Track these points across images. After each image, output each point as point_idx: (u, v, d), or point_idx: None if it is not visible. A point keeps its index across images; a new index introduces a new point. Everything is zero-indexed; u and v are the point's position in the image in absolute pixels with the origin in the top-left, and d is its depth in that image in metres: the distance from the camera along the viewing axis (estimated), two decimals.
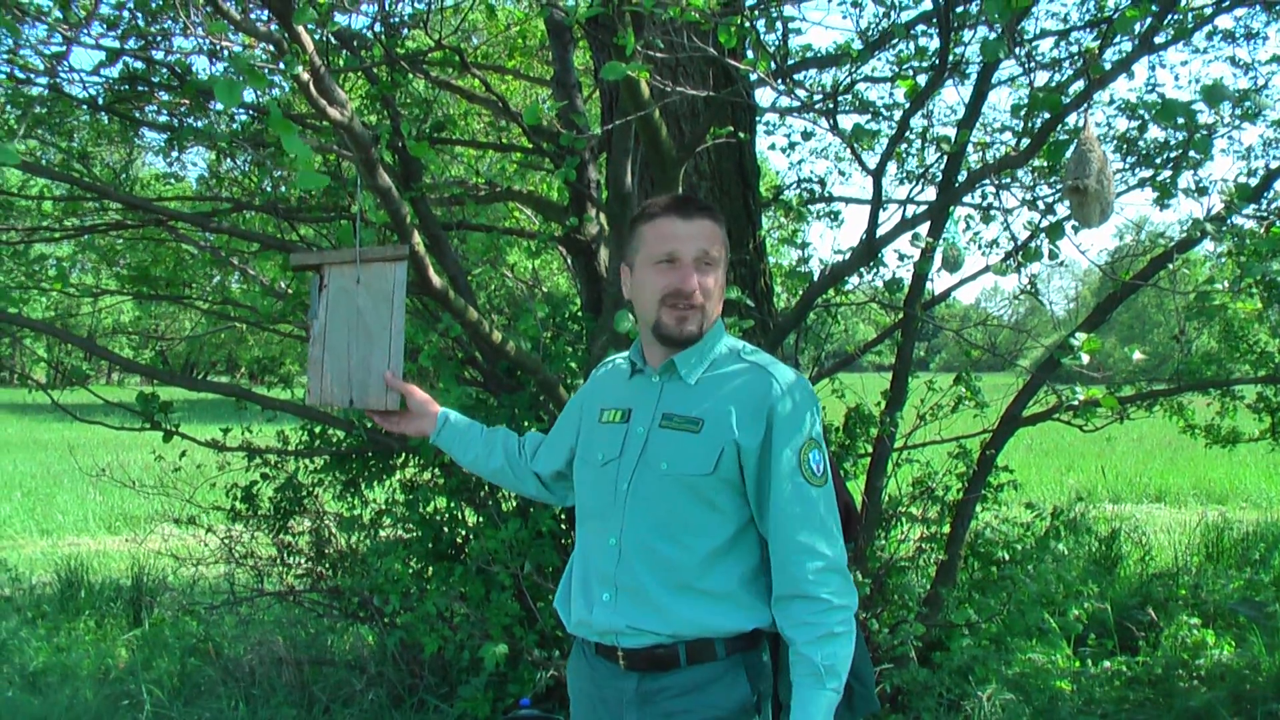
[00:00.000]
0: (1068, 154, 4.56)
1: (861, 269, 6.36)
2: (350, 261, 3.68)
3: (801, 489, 3.08)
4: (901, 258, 6.91)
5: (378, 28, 7.30)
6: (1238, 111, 7.67)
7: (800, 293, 6.38)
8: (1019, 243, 6.74)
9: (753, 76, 4.89)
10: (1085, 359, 5.24)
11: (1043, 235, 5.63)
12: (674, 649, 3.14)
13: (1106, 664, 7.33)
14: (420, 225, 6.45)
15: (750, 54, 4.78)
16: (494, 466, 3.84)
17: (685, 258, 3.15)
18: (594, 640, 3.31)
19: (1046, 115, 5.02)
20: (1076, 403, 5.44)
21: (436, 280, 5.53)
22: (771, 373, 3.15)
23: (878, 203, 5.39)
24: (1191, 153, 5.37)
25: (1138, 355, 5.89)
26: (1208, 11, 5.97)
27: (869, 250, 5.45)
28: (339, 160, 7.71)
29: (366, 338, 3.71)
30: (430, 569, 6.74)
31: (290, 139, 3.59)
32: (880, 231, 5.49)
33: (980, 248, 8.93)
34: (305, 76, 4.42)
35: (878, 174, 5.32)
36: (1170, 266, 7.02)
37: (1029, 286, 7.09)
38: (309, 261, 3.82)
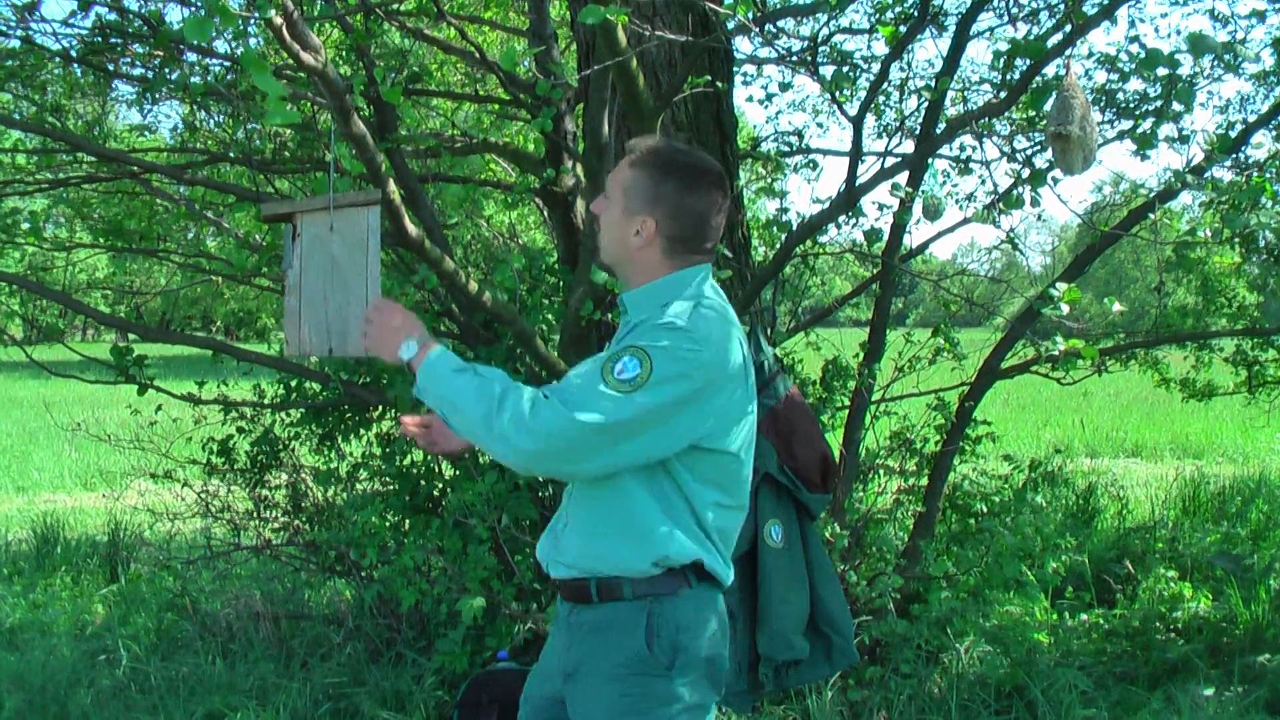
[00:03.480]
0: (1050, 101, 4.54)
1: (840, 220, 6.33)
2: (323, 209, 3.65)
3: (590, 374, 3.04)
4: (881, 208, 6.89)
5: None
6: (1218, 63, 7.65)
7: (778, 245, 6.35)
8: (999, 191, 6.72)
9: (731, 24, 4.85)
10: (1065, 309, 5.23)
11: (1025, 183, 5.60)
12: (586, 584, 3.21)
13: (1084, 616, 7.34)
14: (396, 177, 6.41)
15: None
16: None
17: None
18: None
19: (1027, 63, 4.99)
20: (1056, 353, 5.43)
21: (412, 230, 5.49)
22: (664, 310, 3.13)
23: (857, 151, 5.36)
24: (1174, 103, 5.34)
25: (1117, 307, 5.89)
26: None
27: (849, 199, 5.43)
28: (314, 110, 7.66)
29: (343, 285, 3.66)
30: (407, 522, 6.72)
31: (261, 76, 3.55)
32: (859, 182, 5.46)
33: (958, 201, 8.90)
34: (278, 20, 4.37)
35: (858, 121, 5.29)
36: (1151, 217, 7.01)
37: (1009, 235, 7.07)
38: (281, 210, 3.79)
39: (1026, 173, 5.58)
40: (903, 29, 5.53)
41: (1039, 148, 7.83)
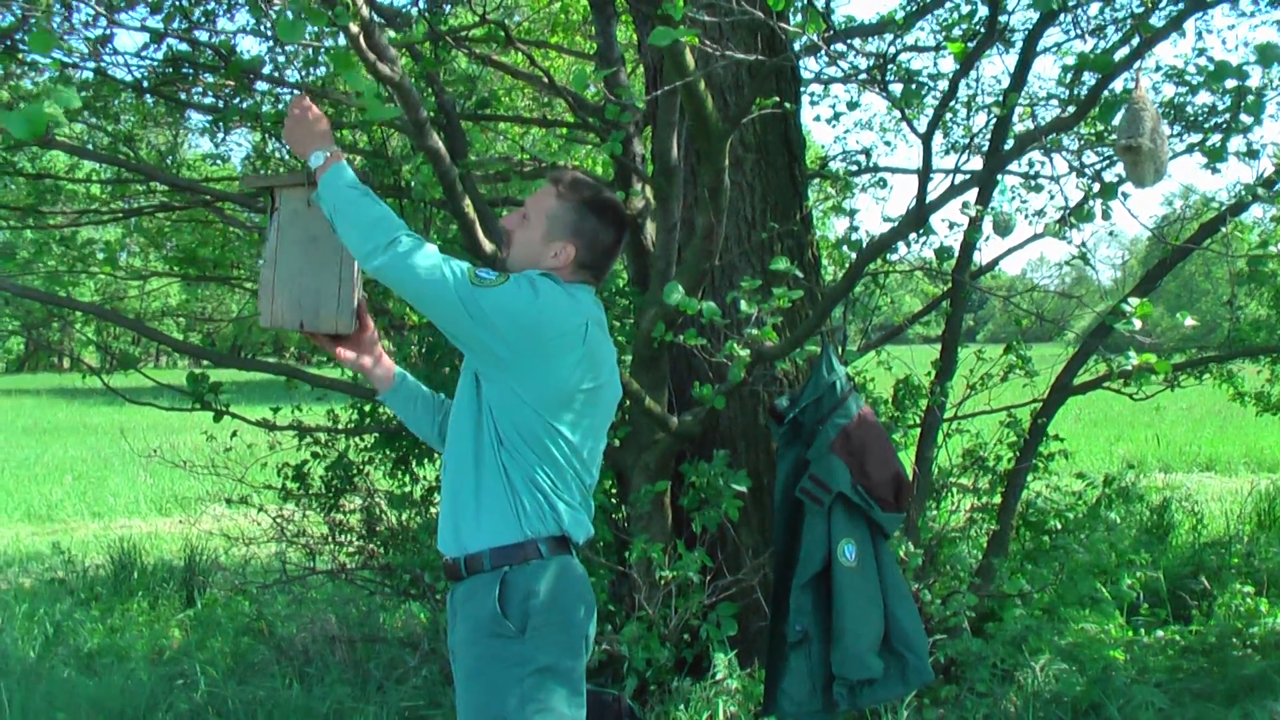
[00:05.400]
0: (1120, 113, 4.52)
1: (910, 238, 6.32)
2: (300, 184, 3.72)
3: (470, 265, 3.39)
4: (951, 226, 6.88)
5: (421, 4, 7.30)
6: None
7: (848, 264, 6.35)
8: (1070, 205, 6.70)
9: (798, 45, 4.85)
10: (1137, 324, 5.20)
11: (1095, 197, 5.58)
12: (458, 562, 3.46)
13: (1160, 633, 7.28)
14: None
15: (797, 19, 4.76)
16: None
17: None
18: None
19: (1095, 78, 4.97)
20: (1130, 368, 5.40)
21: (487, 246, 5.55)
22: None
23: (927, 168, 5.34)
24: (1243, 115, 5.31)
25: (1189, 321, 5.85)
26: None
27: (919, 216, 5.41)
28: (384, 135, 7.72)
29: (320, 261, 3.76)
30: None
31: (353, 75, 3.71)
32: (929, 199, 5.45)
33: (1027, 217, 8.88)
34: (355, 29, 4.45)
35: (927, 137, 5.28)
36: (1223, 230, 6.96)
37: (1080, 250, 7.03)
38: (260, 184, 3.96)
39: (1096, 187, 5.56)
40: (970, 45, 5.53)
41: (1108, 162, 7.80)
